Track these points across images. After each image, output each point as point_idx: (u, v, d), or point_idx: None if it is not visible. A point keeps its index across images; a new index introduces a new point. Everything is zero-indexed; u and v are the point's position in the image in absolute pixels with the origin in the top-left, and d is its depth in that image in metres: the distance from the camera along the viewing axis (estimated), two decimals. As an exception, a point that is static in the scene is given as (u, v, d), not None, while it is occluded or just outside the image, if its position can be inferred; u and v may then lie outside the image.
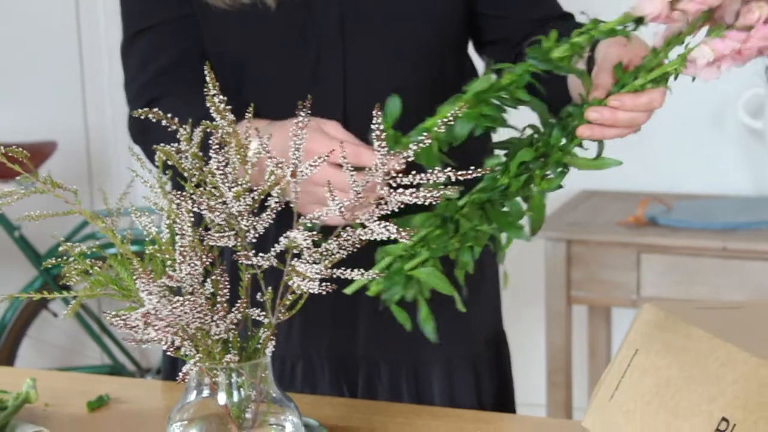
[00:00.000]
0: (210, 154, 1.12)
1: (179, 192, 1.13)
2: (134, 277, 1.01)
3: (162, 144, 1.20)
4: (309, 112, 1.14)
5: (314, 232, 1.11)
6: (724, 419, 1.19)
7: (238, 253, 1.11)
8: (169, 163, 1.19)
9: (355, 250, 1.16)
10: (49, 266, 1.21)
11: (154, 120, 1.19)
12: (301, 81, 1.59)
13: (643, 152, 3.44)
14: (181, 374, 1.08)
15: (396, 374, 1.74)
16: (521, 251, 3.46)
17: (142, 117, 1.17)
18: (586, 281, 3.03)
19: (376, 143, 1.08)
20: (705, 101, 3.41)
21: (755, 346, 1.23)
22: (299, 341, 1.71)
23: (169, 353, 1.02)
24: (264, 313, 1.15)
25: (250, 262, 1.11)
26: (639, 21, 1.33)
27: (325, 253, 1.14)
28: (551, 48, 1.34)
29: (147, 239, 1.17)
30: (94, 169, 4.04)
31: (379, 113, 1.08)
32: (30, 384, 1.64)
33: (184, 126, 1.19)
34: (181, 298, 1.04)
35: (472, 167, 1.11)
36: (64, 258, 1.21)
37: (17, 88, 4.02)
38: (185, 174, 1.19)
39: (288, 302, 1.18)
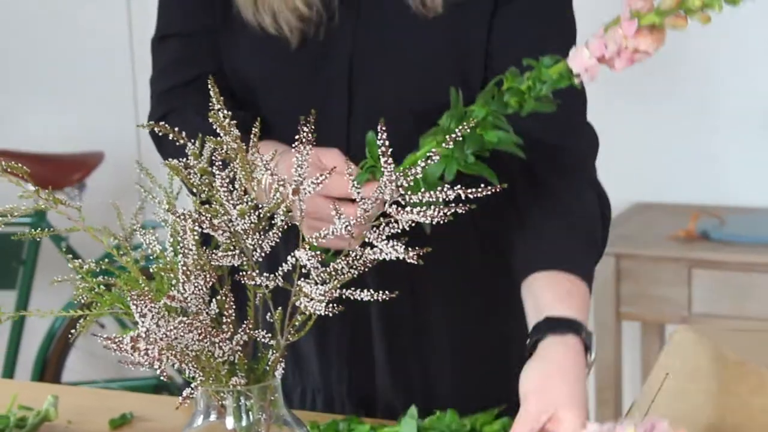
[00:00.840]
0: (213, 170, 1.09)
1: (183, 209, 1.09)
2: (128, 299, 0.98)
3: (172, 157, 1.17)
4: (312, 128, 1.11)
5: (319, 252, 1.07)
6: (753, 450, 1.14)
7: (241, 273, 1.07)
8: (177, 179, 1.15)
9: (365, 270, 1.12)
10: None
11: (161, 135, 1.17)
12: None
13: (699, 164, 3.37)
14: (181, 398, 1.05)
15: None
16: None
17: (157, 131, 1.16)
18: (635, 297, 2.96)
19: (382, 159, 1.04)
20: (760, 110, 3.33)
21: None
22: (320, 377, 1.68)
23: (163, 377, 0.98)
24: (270, 335, 1.11)
25: (254, 282, 1.07)
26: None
27: (333, 273, 1.10)
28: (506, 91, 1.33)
29: (152, 257, 1.14)
30: (146, 180, 4.02)
31: (383, 129, 1.05)
32: (51, 401, 1.62)
33: (192, 140, 1.16)
34: (176, 320, 1.01)
35: (482, 185, 1.07)
36: (71, 276, 1.18)
37: (66, 96, 4.02)
38: (194, 190, 1.16)
39: (297, 323, 1.14)
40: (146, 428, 1.61)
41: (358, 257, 1.11)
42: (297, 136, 1.14)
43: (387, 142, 1.05)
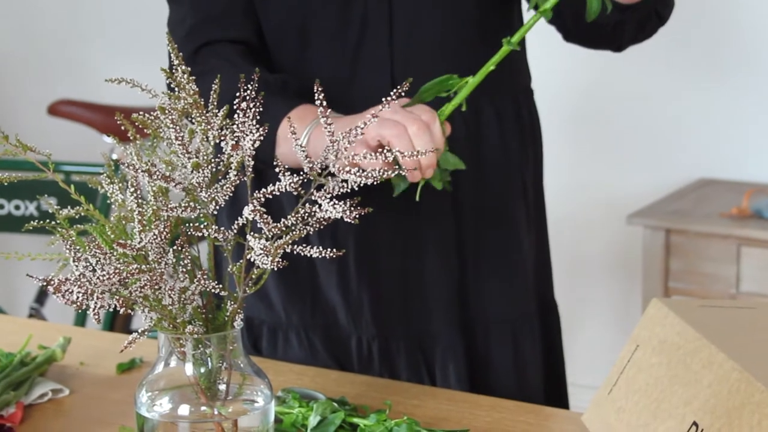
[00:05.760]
0: (168, 125, 1.12)
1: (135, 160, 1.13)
2: (66, 244, 1.02)
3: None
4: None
5: (263, 209, 1.10)
6: (694, 423, 1.14)
7: (185, 226, 1.11)
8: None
9: (320, 227, 1.15)
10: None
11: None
12: (349, 43, 1.61)
13: (764, 141, 3.33)
14: (125, 342, 1.09)
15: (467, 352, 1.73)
16: (618, 236, 3.38)
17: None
18: (684, 272, 2.94)
19: (321, 120, 1.07)
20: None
21: (740, 350, 1.18)
22: (372, 322, 1.70)
23: (95, 319, 1.02)
24: (221, 286, 1.15)
25: (200, 234, 1.11)
26: None
27: (284, 229, 1.13)
28: None
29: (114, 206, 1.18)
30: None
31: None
32: (60, 343, 1.67)
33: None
34: (123, 266, 1.05)
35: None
36: (47, 221, 1.22)
37: (151, 50, 4.09)
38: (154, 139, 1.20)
39: (254, 276, 1.17)
40: (151, 374, 1.66)
41: (311, 214, 1.13)
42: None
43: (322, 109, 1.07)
